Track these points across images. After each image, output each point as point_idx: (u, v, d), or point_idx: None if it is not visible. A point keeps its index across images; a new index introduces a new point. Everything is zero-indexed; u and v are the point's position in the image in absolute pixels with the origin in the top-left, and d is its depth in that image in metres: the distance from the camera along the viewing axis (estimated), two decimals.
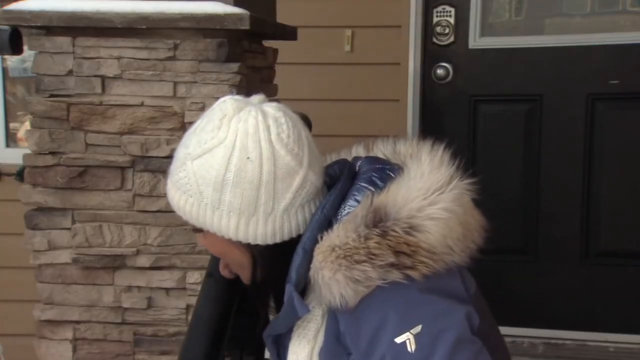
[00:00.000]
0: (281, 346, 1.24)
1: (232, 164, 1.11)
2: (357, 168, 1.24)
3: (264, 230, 1.14)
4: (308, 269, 1.13)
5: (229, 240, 1.17)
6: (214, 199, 1.13)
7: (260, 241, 1.16)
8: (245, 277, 1.23)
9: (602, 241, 3.10)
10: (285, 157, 1.13)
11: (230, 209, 1.13)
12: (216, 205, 1.13)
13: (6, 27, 1.93)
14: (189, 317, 1.68)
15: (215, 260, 1.37)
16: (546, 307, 3.13)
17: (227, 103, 1.16)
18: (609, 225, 3.08)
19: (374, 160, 1.24)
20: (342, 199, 1.16)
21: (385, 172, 1.19)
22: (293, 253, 1.15)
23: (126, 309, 2.00)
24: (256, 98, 1.20)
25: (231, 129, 1.13)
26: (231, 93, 1.22)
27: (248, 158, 1.11)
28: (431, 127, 3.17)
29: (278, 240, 1.16)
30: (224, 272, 1.29)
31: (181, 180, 1.16)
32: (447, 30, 3.12)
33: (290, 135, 1.14)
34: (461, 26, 3.12)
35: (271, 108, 1.16)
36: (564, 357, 2.98)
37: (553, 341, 3.08)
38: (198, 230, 1.20)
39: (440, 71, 3.13)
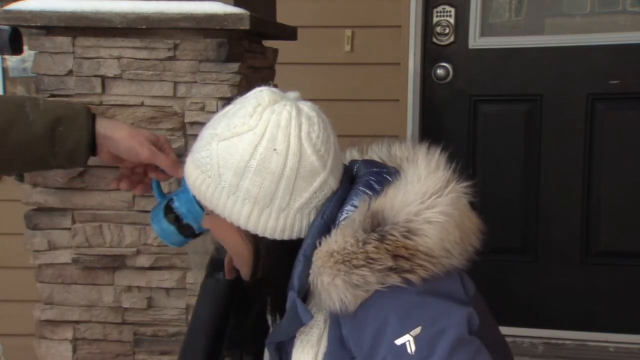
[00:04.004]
0: (284, 352, 1.23)
1: (257, 152, 1.12)
2: (354, 171, 1.24)
3: (274, 224, 1.15)
4: (308, 275, 1.13)
5: (237, 228, 1.17)
6: (232, 184, 1.13)
7: (268, 234, 1.16)
8: (245, 272, 1.23)
9: (602, 241, 3.10)
10: (311, 156, 1.13)
11: (246, 196, 1.13)
12: (233, 191, 1.14)
13: (6, 27, 1.93)
14: (189, 317, 1.68)
15: (215, 261, 1.38)
16: (546, 307, 3.14)
17: (264, 93, 1.16)
18: (609, 225, 3.08)
19: (371, 163, 1.25)
20: (341, 204, 1.16)
21: (382, 175, 1.20)
22: (296, 255, 1.15)
23: (126, 309, 2.00)
24: (292, 94, 1.20)
25: (263, 118, 1.13)
26: (268, 85, 1.22)
27: (275, 149, 1.12)
28: (431, 127, 3.17)
29: (286, 237, 1.16)
30: (227, 270, 1.29)
31: (203, 159, 1.16)
32: (447, 30, 3.12)
33: (319, 136, 1.15)
34: (461, 26, 3.12)
35: (306, 106, 1.17)
36: (564, 357, 2.98)
37: (553, 341, 3.08)
38: (207, 212, 1.20)
39: (440, 71, 3.13)
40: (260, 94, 1.16)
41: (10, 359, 2.21)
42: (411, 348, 1.06)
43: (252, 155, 1.12)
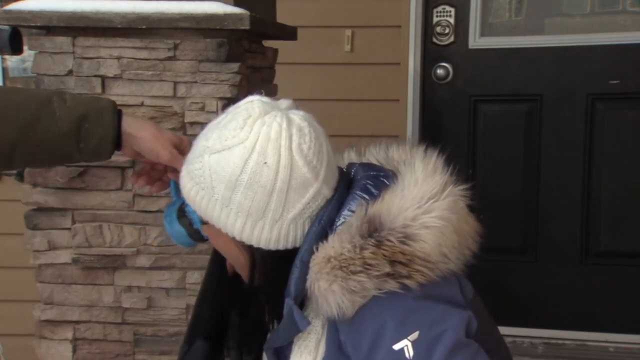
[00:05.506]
0: (282, 356, 1.23)
1: (248, 166, 1.11)
2: (351, 175, 1.24)
3: (268, 235, 1.14)
4: (305, 280, 1.12)
5: (233, 239, 1.17)
6: (225, 197, 1.13)
7: (263, 245, 1.15)
8: (245, 276, 1.23)
9: (602, 241, 3.10)
10: (303, 168, 1.12)
11: (239, 209, 1.13)
12: (226, 203, 1.13)
13: (6, 27, 1.93)
14: (189, 317, 1.68)
15: (215, 261, 1.38)
16: (546, 307, 3.14)
17: (254, 104, 1.15)
18: (609, 225, 3.08)
19: (368, 167, 1.24)
20: (338, 209, 1.16)
21: (379, 179, 1.19)
22: (293, 263, 1.15)
23: (126, 309, 2.00)
24: (284, 103, 1.19)
25: (253, 131, 1.12)
26: (259, 93, 1.20)
27: (265, 163, 1.11)
28: (431, 127, 3.17)
29: (281, 247, 1.16)
30: (229, 267, 1.30)
31: (196, 171, 1.16)
32: (447, 30, 3.12)
33: (311, 147, 1.14)
34: (461, 26, 3.12)
35: (297, 116, 1.15)
36: (564, 357, 2.98)
37: (553, 341, 3.08)
38: (204, 222, 1.20)
39: (440, 71, 3.13)
40: (251, 105, 1.15)
41: (10, 359, 2.21)
42: (409, 353, 1.06)
43: (243, 169, 1.11)
